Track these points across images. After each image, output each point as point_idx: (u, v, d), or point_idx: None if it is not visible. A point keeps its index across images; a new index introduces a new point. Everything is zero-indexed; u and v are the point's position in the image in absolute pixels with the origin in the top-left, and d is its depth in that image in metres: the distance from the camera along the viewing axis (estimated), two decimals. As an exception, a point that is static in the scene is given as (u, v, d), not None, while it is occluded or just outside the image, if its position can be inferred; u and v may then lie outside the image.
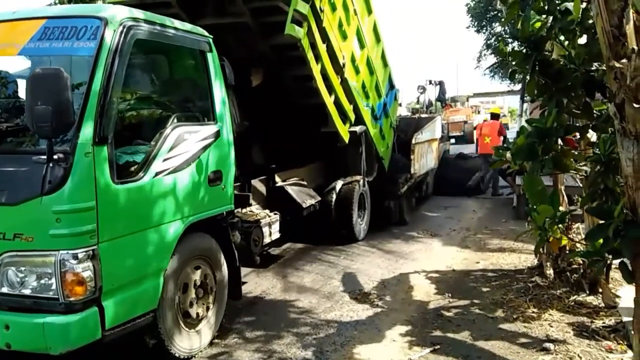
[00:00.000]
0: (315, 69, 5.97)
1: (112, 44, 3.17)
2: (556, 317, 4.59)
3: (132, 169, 3.38)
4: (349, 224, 7.42)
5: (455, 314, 4.82)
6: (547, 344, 4.03)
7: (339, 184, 7.43)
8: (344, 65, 6.57)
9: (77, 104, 2.98)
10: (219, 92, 4.26)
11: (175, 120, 3.80)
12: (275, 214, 5.65)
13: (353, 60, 6.99)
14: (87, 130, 3.00)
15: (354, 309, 5.01)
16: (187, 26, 4.10)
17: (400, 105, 12.78)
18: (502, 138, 11.41)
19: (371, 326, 4.59)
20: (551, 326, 4.41)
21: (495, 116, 12.83)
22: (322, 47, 6.00)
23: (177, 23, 3.96)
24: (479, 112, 28.10)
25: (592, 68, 2.89)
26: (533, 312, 4.73)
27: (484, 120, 15.24)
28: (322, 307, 5.06)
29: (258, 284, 5.80)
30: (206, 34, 4.23)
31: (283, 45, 5.76)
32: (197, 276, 3.99)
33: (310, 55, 5.76)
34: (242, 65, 6.06)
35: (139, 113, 3.94)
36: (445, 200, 11.45)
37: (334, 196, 7.29)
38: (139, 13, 3.52)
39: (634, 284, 2.54)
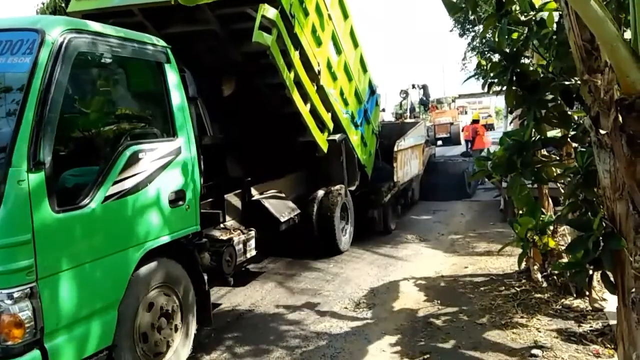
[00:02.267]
0: (288, 77, 5.73)
1: (49, 58, 2.89)
2: (544, 322, 4.62)
3: (78, 195, 3.10)
4: (331, 236, 7.18)
5: (444, 322, 4.83)
6: (535, 350, 4.05)
7: (319, 195, 7.21)
8: (319, 72, 6.35)
9: (9, 126, 2.76)
10: (179, 106, 3.97)
11: (128, 138, 3.52)
12: (250, 230, 5.41)
13: (329, 66, 6.77)
14: (20, 156, 2.70)
15: (343, 320, 5.00)
16: (140, 35, 3.80)
17: (384, 110, 12.82)
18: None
19: (361, 337, 4.58)
20: (539, 331, 4.43)
21: (476, 121, 16.43)
22: (294, 54, 5.78)
23: (127, 33, 3.68)
24: (465, 113, 28.26)
25: (568, 82, 2.92)
26: (521, 317, 4.75)
27: (472, 123, 17.27)
28: (312, 319, 5.05)
29: (247, 296, 5.77)
30: (163, 43, 3.97)
31: (254, 53, 5.52)
32: (159, 305, 3.68)
33: (281, 63, 5.52)
34: (213, 75, 5.91)
35: (89, 132, 3.65)
36: (433, 203, 11.50)
37: (315, 207, 7.09)
38: (81, 23, 3.28)
39: (617, 293, 2.57)
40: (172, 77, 3.95)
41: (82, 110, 3.72)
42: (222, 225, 5.23)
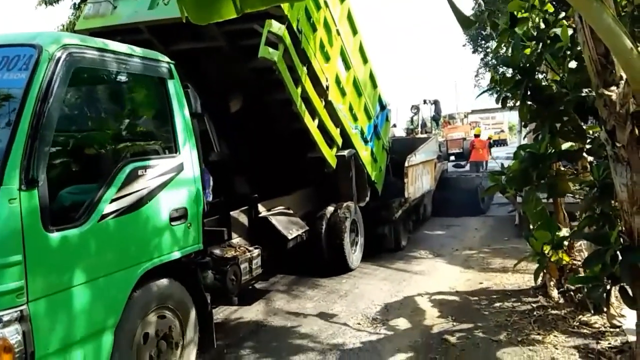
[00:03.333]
0: (295, 93, 5.67)
1: (45, 74, 2.83)
2: (561, 339, 4.54)
3: (73, 213, 3.00)
4: (340, 253, 7.02)
5: (458, 339, 4.76)
6: (552, 368, 3.98)
7: (328, 211, 7.09)
8: (327, 87, 6.29)
9: (3, 143, 2.69)
10: (182, 122, 3.91)
11: (128, 155, 3.47)
12: (256, 248, 5.31)
13: (338, 82, 6.72)
14: (12, 173, 2.62)
15: (357, 335, 4.96)
16: (143, 51, 3.74)
17: (395, 126, 12.82)
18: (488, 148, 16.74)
19: (374, 353, 4.54)
20: (556, 349, 4.35)
21: (477, 135, 17.77)
22: (301, 70, 5.71)
23: (130, 48, 3.62)
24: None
25: (583, 94, 2.92)
26: (538, 334, 4.67)
27: (475, 137, 18.48)
28: (325, 334, 5.02)
29: (260, 311, 5.76)
30: (166, 59, 3.92)
31: (261, 68, 5.47)
32: (159, 328, 3.54)
33: (288, 78, 5.46)
34: (220, 91, 5.89)
35: (88, 148, 3.57)
36: (446, 219, 11.42)
37: (324, 224, 6.95)
38: (80, 38, 3.23)
39: (636, 308, 2.54)
40: (175, 92, 3.90)
41: (82, 126, 3.68)
42: (227, 243, 5.14)
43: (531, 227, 4.14)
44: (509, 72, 3.33)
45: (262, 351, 4.65)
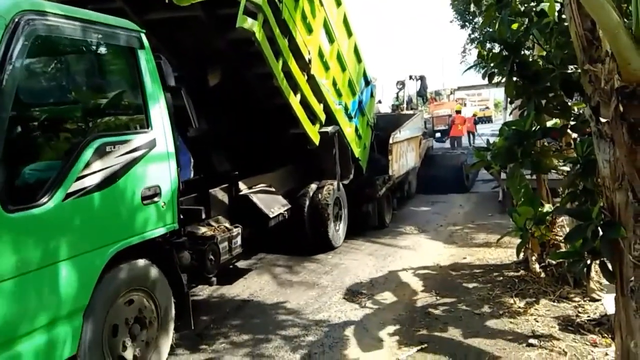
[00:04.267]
0: (275, 66, 5.42)
1: (1, 42, 2.63)
2: (542, 311, 4.65)
3: (36, 192, 2.83)
4: (323, 231, 6.96)
5: (442, 312, 4.85)
6: (532, 340, 4.08)
7: (311, 189, 7.01)
8: (310, 61, 6.04)
9: None
10: (154, 95, 3.68)
11: (96, 130, 3.30)
12: (236, 227, 5.15)
13: (321, 55, 6.49)
14: None
15: (342, 310, 5.03)
16: (110, 19, 3.47)
17: (380, 102, 12.74)
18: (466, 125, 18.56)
19: (360, 326, 4.61)
20: (537, 321, 4.46)
21: (458, 112, 19.39)
22: (282, 42, 5.47)
23: (95, 15, 3.37)
24: (465, 105, 28.22)
25: (569, 70, 2.92)
26: (519, 307, 4.78)
27: (456, 113, 19.79)
28: (311, 309, 5.08)
29: (246, 287, 5.79)
30: (136, 27, 3.67)
31: (240, 40, 5.21)
32: (132, 311, 3.42)
33: (267, 51, 5.21)
34: (198, 64, 5.64)
35: (52, 123, 3.38)
36: (431, 195, 11.52)
37: (307, 202, 6.88)
38: (40, 4, 2.98)
39: (615, 282, 2.59)
40: (146, 64, 3.65)
41: (45, 100, 3.52)
42: (206, 222, 5.01)
43: (514, 203, 4.21)
44: (496, 48, 3.31)
45: (248, 326, 4.70)
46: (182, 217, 3.98)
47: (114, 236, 3.26)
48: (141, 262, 3.52)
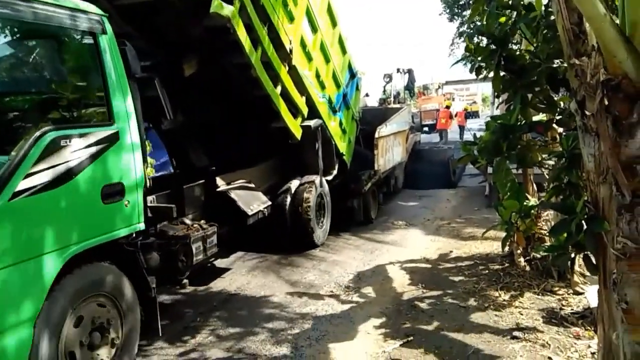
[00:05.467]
0: (254, 55, 5.17)
1: None
2: (526, 304, 4.70)
3: None
4: (306, 229, 6.73)
5: (428, 305, 4.88)
6: (517, 332, 4.12)
7: (294, 185, 6.78)
8: (291, 51, 5.79)
9: None
10: (117, 85, 3.40)
11: (50, 123, 3.02)
12: (212, 225, 4.91)
13: (304, 45, 6.22)
14: None
15: (329, 303, 5.03)
16: (68, 1, 3.19)
17: (367, 95, 12.64)
18: (451, 120, 20.01)
19: (346, 320, 4.61)
20: (521, 314, 4.50)
21: (447, 107, 20.79)
22: (261, 30, 5.20)
23: None
24: (453, 100, 28.27)
25: (555, 65, 2.92)
26: (504, 300, 4.82)
27: (445, 107, 20.97)
28: (297, 302, 5.07)
29: (233, 280, 5.77)
30: (97, 10, 3.39)
31: (216, 27, 4.95)
32: (91, 318, 3.19)
33: (245, 39, 4.97)
34: (174, 53, 5.37)
35: (0, 114, 3.17)
36: (419, 190, 11.55)
37: (289, 199, 6.64)
38: None
39: (598, 275, 2.61)
40: (109, 50, 3.36)
41: None
42: (179, 221, 4.80)
43: (501, 197, 4.24)
44: (484, 42, 3.31)
45: (234, 320, 4.68)
46: (151, 215, 3.79)
47: (69, 238, 3.01)
48: (103, 265, 3.30)
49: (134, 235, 3.57)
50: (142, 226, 3.62)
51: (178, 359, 3.98)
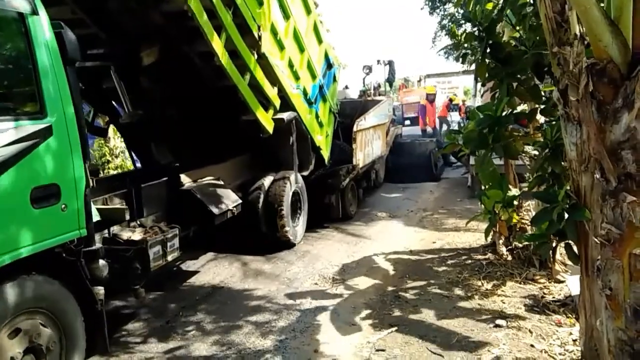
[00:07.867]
0: (216, 43, 4.80)
1: None
2: (509, 293, 4.75)
3: None
4: (281, 228, 6.38)
5: (412, 295, 4.90)
6: (499, 320, 4.16)
7: (267, 182, 6.42)
8: (260, 38, 5.35)
9: None
10: (51, 73, 3.01)
11: None
12: (172, 227, 4.53)
13: (274, 33, 5.80)
14: None
15: (313, 295, 5.02)
16: None
17: (347, 87, 12.50)
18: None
19: (331, 311, 4.61)
20: (504, 302, 4.55)
21: (451, 100, 20.37)
22: (225, 15, 4.84)
23: None
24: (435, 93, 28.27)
25: (542, 52, 2.93)
26: (487, 289, 4.87)
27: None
28: (282, 294, 5.05)
29: (216, 274, 5.72)
30: None
31: (176, 13, 4.62)
32: (24, 338, 2.82)
33: (206, 25, 4.63)
34: (133, 41, 5.04)
35: None
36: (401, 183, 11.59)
37: (262, 196, 6.29)
38: None
39: (579, 264, 2.64)
40: (41, 34, 2.97)
41: None
42: (137, 223, 4.45)
43: (483, 188, 4.27)
44: (469, 29, 3.30)
45: (218, 313, 4.64)
46: (99, 219, 3.47)
47: None
48: (36, 278, 2.91)
49: (75, 242, 3.18)
50: (84, 232, 3.21)
51: (162, 354, 3.93)
